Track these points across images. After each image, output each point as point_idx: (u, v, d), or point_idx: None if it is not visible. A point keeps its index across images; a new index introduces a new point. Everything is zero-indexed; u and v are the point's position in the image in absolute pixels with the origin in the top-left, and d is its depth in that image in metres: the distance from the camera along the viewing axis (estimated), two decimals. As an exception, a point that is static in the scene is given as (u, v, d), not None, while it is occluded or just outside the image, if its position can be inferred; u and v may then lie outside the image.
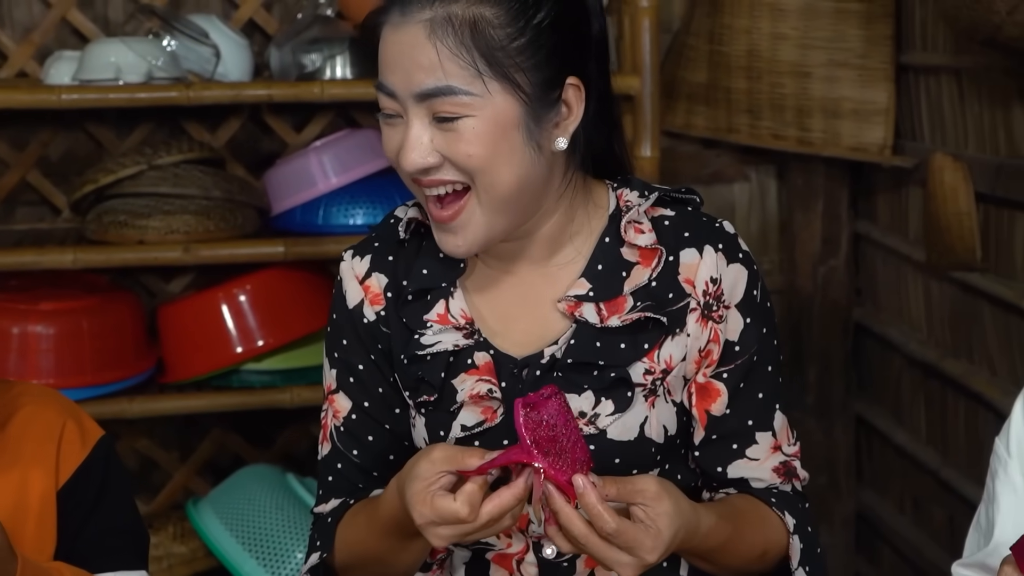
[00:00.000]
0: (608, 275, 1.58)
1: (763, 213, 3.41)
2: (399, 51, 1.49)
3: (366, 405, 1.64)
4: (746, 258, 1.61)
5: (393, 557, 1.58)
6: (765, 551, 1.58)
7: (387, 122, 1.53)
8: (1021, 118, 2.54)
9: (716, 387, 1.59)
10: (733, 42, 3.16)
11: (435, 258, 1.61)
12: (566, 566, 1.60)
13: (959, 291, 2.83)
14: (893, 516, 3.25)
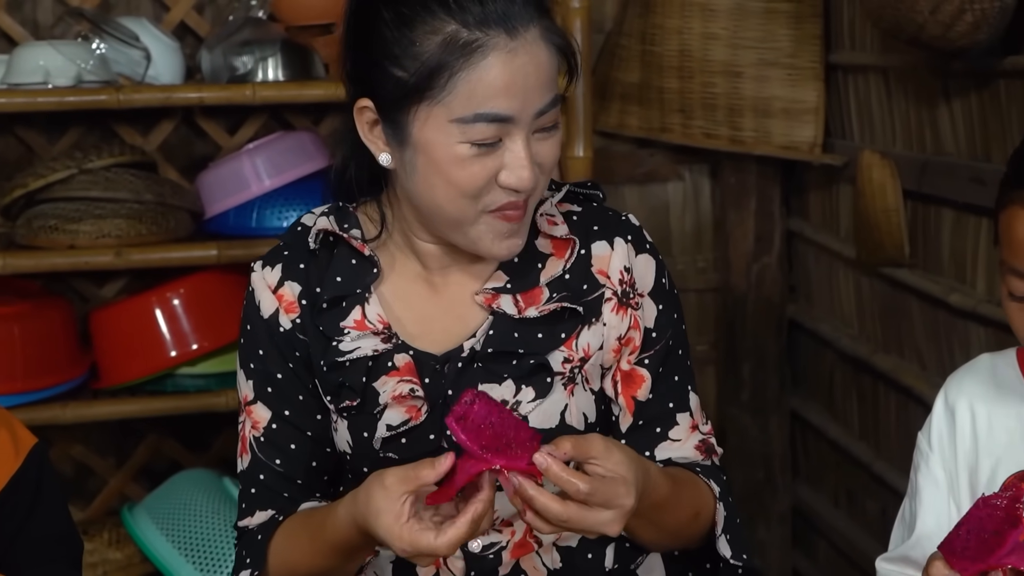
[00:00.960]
0: (524, 267, 1.61)
1: (697, 212, 3.43)
2: (519, 74, 1.46)
3: (286, 413, 1.64)
4: (652, 248, 1.66)
5: (334, 571, 1.60)
6: (698, 512, 1.61)
7: (480, 152, 1.49)
8: (946, 116, 2.58)
9: (640, 373, 1.64)
10: (665, 42, 3.18)
11: (348, 265, 1.62)
12: (492, 558, 1.62)
13: (888, 287, 2.87)
14: (828, 510, 3.28)
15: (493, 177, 1.49)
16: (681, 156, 3.36)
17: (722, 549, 1.61)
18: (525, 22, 1.46)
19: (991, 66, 2.34)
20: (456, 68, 1.45)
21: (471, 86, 1.45)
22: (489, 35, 1.45)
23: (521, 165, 1.48)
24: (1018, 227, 1.41)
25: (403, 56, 1.47)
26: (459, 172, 1.49)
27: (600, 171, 3.12)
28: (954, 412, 1.60)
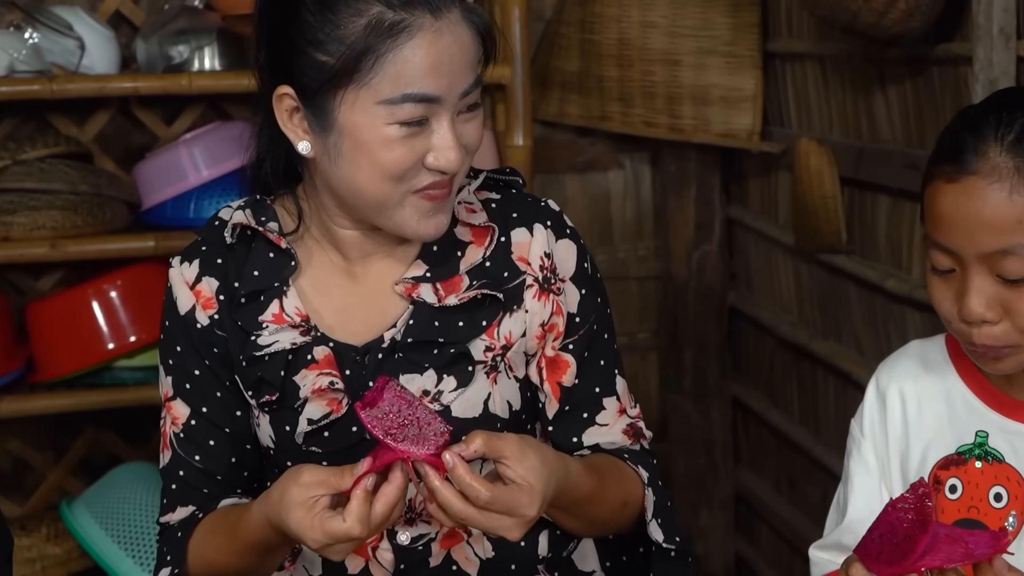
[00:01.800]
0: (443, 255, 1.61)
1: (638, 200, 3.44)
2: (445, 54, 1.47)
3: (204, 410, 1.63)
4: (573, 233, 1.66)
5: (254, 569, 1.59)
6: (626, 502, 1.61)
7: (408, 133, 1.48)
8: (882, 103, 2.60)
9: (565, 359, 1.63)
10: (604, 30, 3.19)
11: (265, 259, 1.61)
12: (421, 550, 1.62)
13: (827, 273, 2.89)
14: (770, 495, 3.31)
15: (420, 159, 1.49)
16: (621, 144, 3.37)
17: (654, 534, 1.61)
18: (448, 2, 1.47)
19: (925, 54, 2.37)
20: (382, 50, 1.45)
21: (398, 67, 1.45)
22: (414, 15, 1.45)
23: (449, 146, 1.49)
24: (939, 200, 1.43)
25: (327, 40, 1.47)
26: (387, 154, 1.48)
27: (540, 160, 3.13)
28: (885, 398, 1.61)
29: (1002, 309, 1.41)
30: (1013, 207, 1.38)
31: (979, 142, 1.40)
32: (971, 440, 1.52)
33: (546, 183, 3.35)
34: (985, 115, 1.42)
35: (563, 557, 1.67)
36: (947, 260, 1.44)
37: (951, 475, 1.52)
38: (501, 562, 1.63)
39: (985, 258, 1.40)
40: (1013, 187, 1.38)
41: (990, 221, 1.39)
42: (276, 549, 1.54)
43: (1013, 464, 1.49)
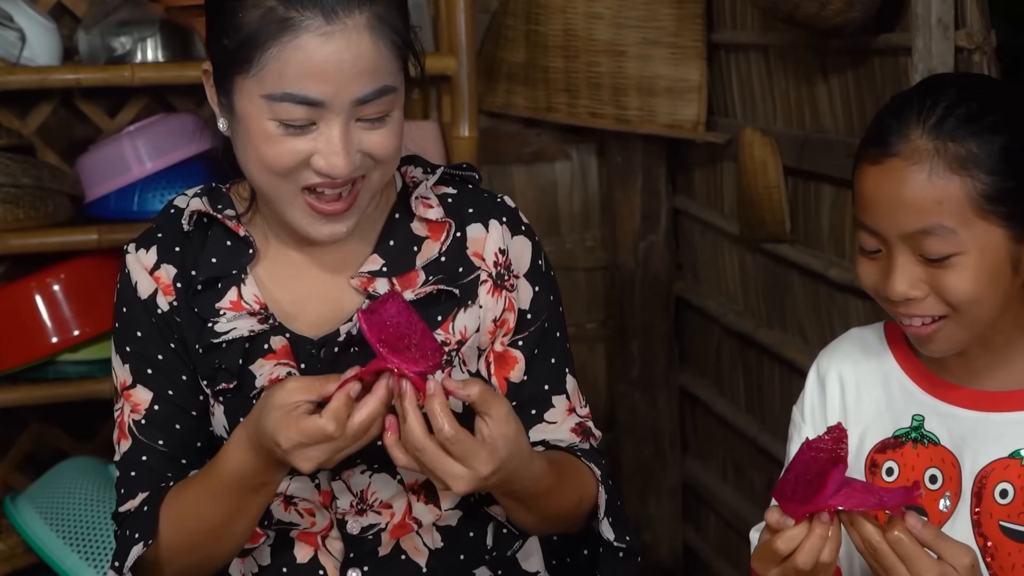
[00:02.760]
0: (400, 250, 1.61)
1: (585, 191, 3.46)
2: (332, 59, 1.44)
3: (170, 393, 1.61)
4: (528, 230, 1.66)
5: (229, 523, 1.55)
6: (581, 499, 1.62)
7: (289, 132, 1.47)
8: (824, 94, 2.62)
9: (513, 355, 1.64)
10: (549, 22, 3.19)
11: (223, 246, 1.61)
12: (371, 539, 1.62)
13: (771, 262, 2.92)
14: (717, 484, 3.33)
15: (305, 160, 1.48)
16: (568, 135, 3.38)
17: (605, 532, 1.62)
18: (348, 8, 1.44)
19: (866, 44, 2.39)
20: (268, 44, 1.44)
21: (280, 64, 1.44)
22: (304, 15, 1.43)
23: (333, 151, 1.46)
24: (864, 182, 1.46)
25: (229, 25, 1.47)
26: (267, 148, 1.48)
27: (487, 151, 3.13)
28: (824, 384, 1.63)
29: (927, 287, 1.44)
30: (933, 188, 1.41)
31: (902, 125, 1.43)
32: (908, 424, 1.54)
33: (493, 174, 3.35)
34: (910, 100, 1.45)
35: (507, 556, 1.67)
36: (873, 241, 1.46)
37: (888, 458, 1.54)
38: (449, 552, 1.64)
39: (908, 238, 1.43)
40: (933, 169, 1.41)
41: (911, 202, 1.41)
42: (253, 483, 1.50)
43: (948, 447, 1.51)
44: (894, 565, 1.35)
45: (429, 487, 1.62)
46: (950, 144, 1.41)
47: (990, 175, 1.41)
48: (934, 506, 1.50)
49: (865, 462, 1.56)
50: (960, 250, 1.41)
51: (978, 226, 1.41)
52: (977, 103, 1.43)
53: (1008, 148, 1.41)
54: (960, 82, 1.49)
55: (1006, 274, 1.44)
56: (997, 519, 1.47)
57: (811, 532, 1.36)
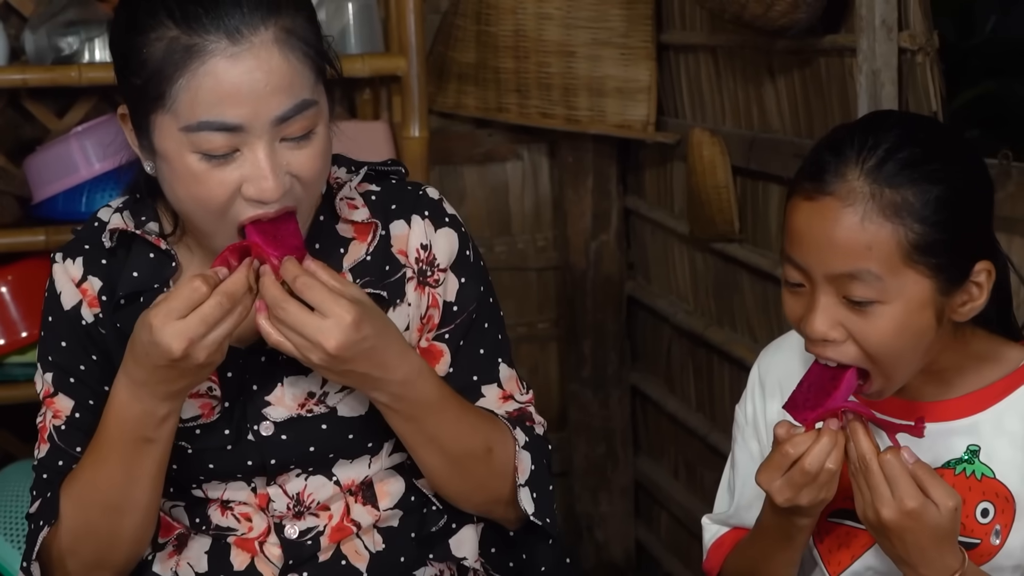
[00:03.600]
0: (326, 253, 1.58)
1: (536, 191, 3.47)
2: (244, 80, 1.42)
3: (91, 403, 1.59)
4: (453, 221, 1.64)
5: (123, 494, 1.52)
6: (490, 448, 1.58)
7: (214, 164, 1.43)
8: (772, 94, 2.64)
9: (439, 348, 1.62)
10: (500, 22, 3.20)
11: (146, 260, 1.58)
12: (310, 544, 1.61)
13: (720, 262, 2.94)
14: (668, 482, 3.35)
15: (236, 191, 1.44)
16: (519, 136, 3.39)
17: (523, 502, 1.59)
18: (252, 26, 1.41)
19: (812, 45, 2.41)
20: (177, 75, 1.40)
21: (192, 93, 1.41)
22: (208, 40, 1.40)
23: (260, 175, 1.43)
24: (795, 216, 1.42)
25: (135, 62, 1.44)
26: (197, 187, 1.44)
27: (438, 151, 3.14)
28: (764, 389, 1.63)
29: (846, 330, 1.41)
30: (864, 233, 1.37)
31: (840, 164, 1.39)
32: None
33: (444, 175, 3.36)
34: (851, 136, 1.41)
35: (433, 533, 1.65)
36: (798, 275, 1.44)
37: None
38: (391, 555, 1.63)
39: (833, 279, 1.40)
40: (866, 213, 1.37)
41: (841, 244, 1.38)
42: (136, 433, 1.48)
43: None
44: (879, 485, 1.36)
45: (366, 488, 1.62)
46: (887, 190, 1.38)
47: (923, 225, 1.37)
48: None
49: None
50: (884, 299, 1.39)
51: (906, 275, 1.38)
52: (920, 149, 1.40)
53: (944, 199, 1.38)
54: (903, 123, 1.45)
55: (930, 326, 1.41)
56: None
57: (820, 436, 1.39)
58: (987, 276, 1.43)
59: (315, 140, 1.47)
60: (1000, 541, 1.45)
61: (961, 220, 1.40)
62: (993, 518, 1.46)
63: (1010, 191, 1.94)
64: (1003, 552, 1.46)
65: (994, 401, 1.48)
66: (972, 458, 1.47)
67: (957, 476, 1.47)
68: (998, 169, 1.94)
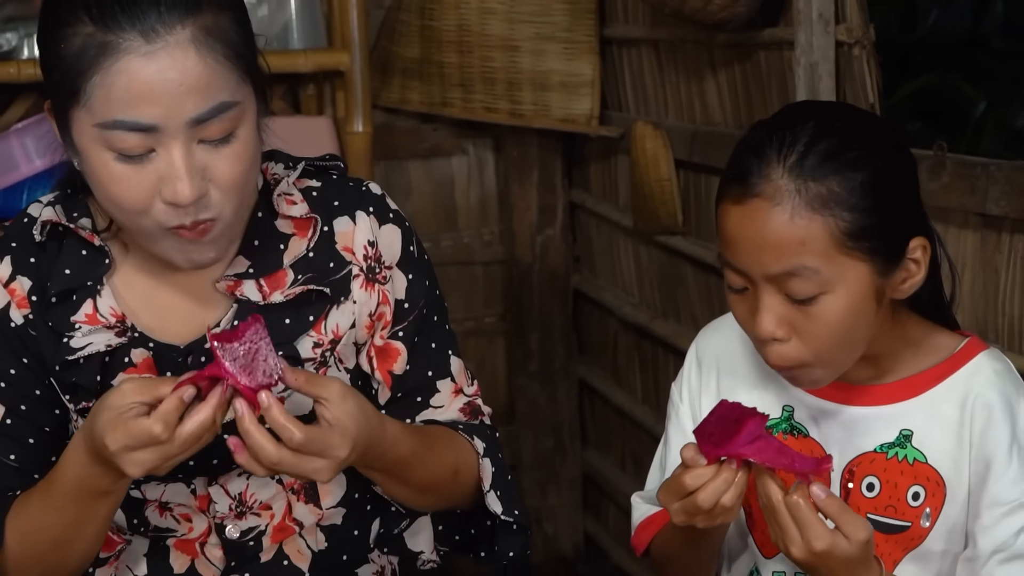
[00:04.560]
0: (265, 250, 1.57)
1: (482, 185, 3.47)
2: (158, 80, 1.38)
3: (23, 408, 1.56)
4: (397, 217, 1.63)
5: (74, 533, 1.51)
6: (457, 469, 1.59)
7: (131, 165, 1.40)
8: (713, 87, 2.66)
9: (395, 347, 1.62)
10: (443, 17, 3.20)
11: (78, 256, 1.55)
12: (252, 545, 1.60)
13: (664, 254, 2.95)
14: (616, 474, 3.37)
15: (154, 192, 1.42)
16: (465, 130, 3.40)
17: (492, 505, 1.61)
18: (169, 25, 1.39)
19: (752, 38, 2.43)
20: (91, 71, 1.39)
21: (106, 91, 1.39)
22: (123, 38, 1.38)
23: (175, 176, 1.40)
24: (727, 221, 1.43)
25: (55, 59, 1.42)
26: (114, 187, 1.42)
27: (383, 146, 3.14)
28: (702, 366, 1.64)
29: (792, 328, 1.42)
30: (795, 229, 1.38)
31: (763, 164, 1.40)
32: (779, 414, 1.55)
33: (390, 170, 3.36)
34: (769, 136, 1.42)
35: (394, 535, 1.65)
36: (739, 279, 1.44)
37: None
38: (333, 554, 1.62)
39: (773, 279, 1.40)
40: (795, 209, 1.38)
41: (774, 243, 1.39)
42: (94, 490, 1.46)
43: (816, 438, 1.53)
44: (788, 527, 1.37)
45: (309, 487, 1.61)
46: (811, 183, 1.38)
47: (852, 212, 1.38)
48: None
49: None
50: (825, 289, 1.40)
51: (843, 263, 1.40)
52: (837, 138, 1.40)
53: (868, 184, 1.40)
54: (818, 114, 1.46)
55: (871, 307, 1.43)
56: (865, 511, 1.48)
57: (717, 474, 1.39)
58: (923, 251, 1.45)
59: (235, 143, 1.44)
60: (930, 524, 1.48)
61: (888, 201, 1.42)
62: (923, 501, 1.48)
63: (944, 182, 1.97)
64: (932, 535, 1.48)
65: (928, 387, 1.50)
66: (905, 442, 1.49)
67: (889, 460, 1.49)
68: (933, 160, 1.96)
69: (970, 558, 1.47)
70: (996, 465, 1.45)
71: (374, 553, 1.68)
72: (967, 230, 1.99)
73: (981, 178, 1.91)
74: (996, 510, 1.45)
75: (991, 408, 1.46)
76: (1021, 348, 1.93)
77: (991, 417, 1.46)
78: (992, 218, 1.93)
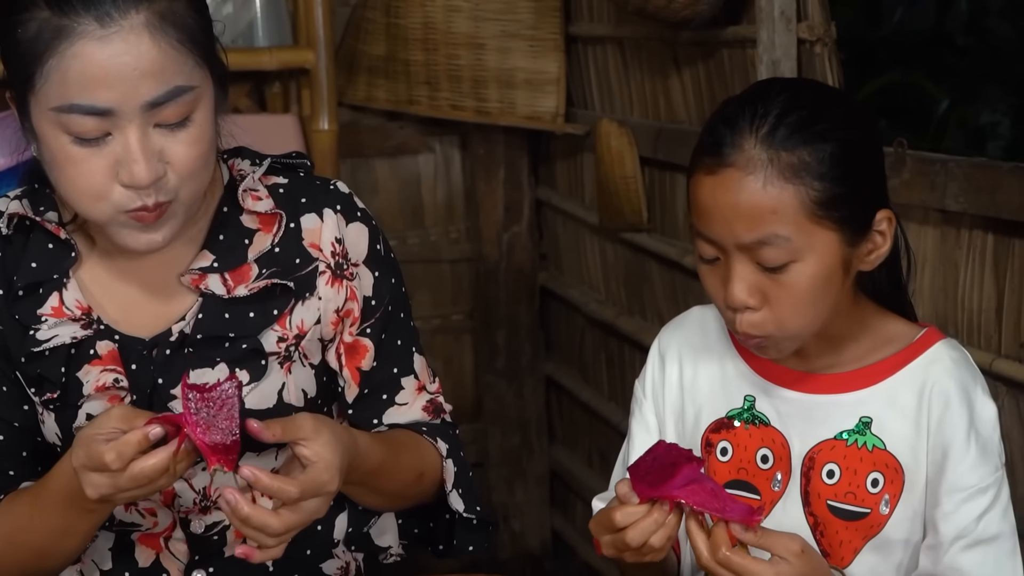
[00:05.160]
0: (230, 244, 1.58)
1: (448, 183, 3.48)
2: (113, 63, 1.39)
3: None
4: (364, 215, 1.65)
5: (57, 543, 1.53)
6: (422, 473, 1.62)
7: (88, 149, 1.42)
8: (677, 85, 2.67)
9: (364, 343, 1.64)
10: (409, 15, 3.21)
11: (44, 250, 1.56)
12: (217, 539, 1.61)
13: (630, 251, 2.97)
14: (583, 471, 3.38)
15: (111, 175, 1.44)
16: (431, 128, 3.40)
17: (454, 503, 1.63)
18: (123, 10, 1.40)
19: (715, 36, 2.44)
20: (47, 55, 1.40)
21: (62, 75, 1.40)
22: (78, 21, 1.40)
23: (132, 159, 1.42)
24: (700, 192, 1.46)
25: (12, 44, 1.43)
26: (72, 170, 1.44)
27: (349, 144, 3.14)
28: (664, 361, 1.66)
29: (763, 296, 1.45)
30: (767, 197, 1.41)
31: (736, 135, 1.43)
32: (740, 404, 1.58)
33: (356, 167, 3.36)
34: (742, 108, 1.46)
35: (363, 532, 1.67)
36: (711, 249, 1.47)
37: (721, 438, 1.58)
38: (297, 548, 1.62)
39: (745, 247, 1.44)
40: (767, 178, 1.41)
41: (747, 211, 1.42)
42: (82, 504, 1.47)
43: (778, 428, 1.55)
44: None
45: None
46: (783, 153, 1.42)
47: (822, 181, 1.42)
48: (766, 485, 1.54)
49: (701, 441, 1.59)
50: (796, 258, 1.43)
51: (813, 232, 1.43)
52: (806, 111, 1.44)
53: (837, 155, 1.43)
54: (789, 88, 1.50)
55: (838, 277, 1.46)
56: (825, 498, 1.51)
57: (648, 514, 1.40)
58: (888, 224, 1.49)
59: (192, 127, 1.46)
60: (889, 510, 1.50)
61: (857, 172, 1.45)
62: (882, 488, 1.50)
63: (905, 178, 1.98)
64: (892, 523, 1.50)
65: (887, 375, 1.53)
66: (864, 429, 1.52)
67: (849, 447, 1.51)
68: (893, 157, 1.98)
69: (932, 546, 1.49)
70: (954, 452, 1.48)
71: (338, 548, 1.69)
72: (927, 226, 2.01)
73: (940, 175, 1.93)
74: (956, 496, 1.47)
75: (948, 396, 1.49)
76: (980, 342, 1.95)
77: (948, 405, 1.49)
78: (951, 214, 1.96)
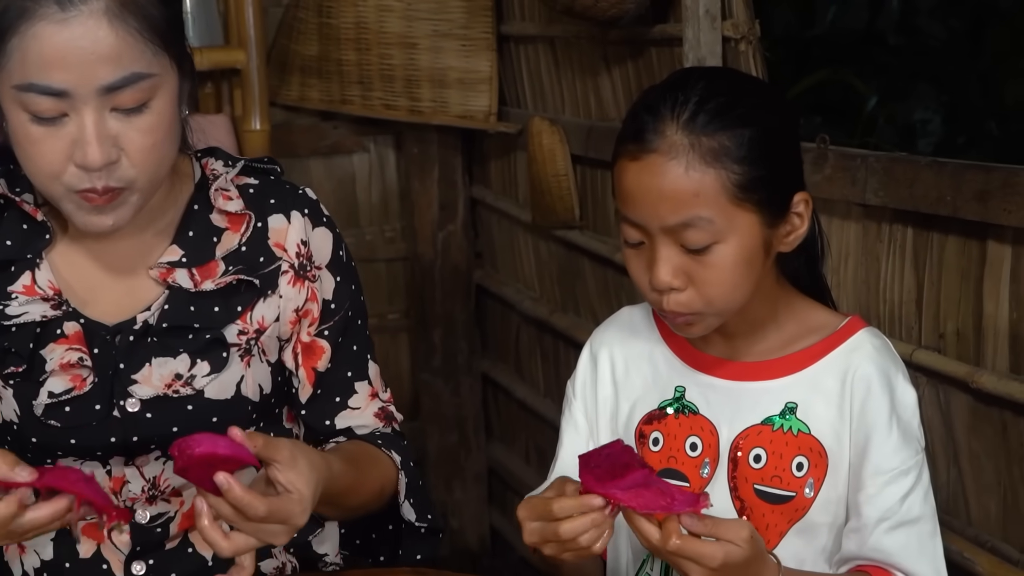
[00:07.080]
0: (199, 241, 1.62)
1: (383, 182, 3.49)
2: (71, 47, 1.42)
3: None
4: (329, 222, 1.69)
5: None
6: (382, 487, 1.65)
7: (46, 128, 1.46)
8: (607, 83, 2.70)
9: (320, 344, 1.67)
10: (341, 14, 3.21)
11: (19, 229, 1.60)
12: (160, 531, 1.62)
13: (563, 249, 2.99)
14: (521, 467, 3.40)
15: (67, 156, 1.47)
16: (365, 128, 3.41)
17: (406, 514, 1.66)
18: None
19: (643, 35, 2.47)
20: (9, 35, 1.44)
21: (21, 54, 1.44)
22: (40, 4, 1.44)
23: (85, 140, 1.45)
24: (625, 177, 1.50)
25: None
26: (30, 148, 1.47)
27: (283, 144, 3.14)
28: (596, 361, 1.69)
29: (687, 277, 1.49)
30: (690, 181, 1.46)
31: (658, 122, 1.47)
32: (671, 395, 1.61)
33: (291, 168, 3.35)
34: (663, 96, 1.50)
35: (307, 541, 1.68)
36: (636, 233, 1.51)
37: (653, 429, 1.61)
38: None
39: (669, 230, 1.48)
40: (689, 163, 1.46)
41: (670, 195, 1.46)
42: None
43: (706, 416, 1.58)
44: (680, 563, 1.41)
45: None
46: (703, 138, 1.46)
47: (741, 165, 1.46)
48: (695, 472, 1.57)
49: (634, 434, 1.62)
50: (718, 239, 1.47)
51: (734, 214, 1.47)
52: (724, 97, 1.48)
53: (755, 138, 1.47)
54: (706, 76, 1.54)
55: (760, 257, 1.51)
56: (752, 483, 1.54)
57: (587, 513, 1.40)
58: (805, 206, 1.53)
59: (148, 115, 1.49)
60: (813, 493, 1.53)
61: (774, 155, 1.50)
62: (807, 472, 1.53)
63: (827, 174, 2.02)
64: (817, 505, 1.53)
65: (812, 362, 1.57)
66: (789, 414, 1.55)
67: (775, 431, 1.55)
68: (816, 153, 2.02)
69: (856, 529, 1.53)
70: (876, 436, 1.52)
71: (276, 548, 1.70)
72: (849, 220, 2.05)
73: (860, 169, 1.97)
74: (879, 479, 1.51)
75: (870, 382, 1.54)
76: (901, 333, 1.99)
77: (870, 390, 1.53)
78: (872, 208, 2.00)
